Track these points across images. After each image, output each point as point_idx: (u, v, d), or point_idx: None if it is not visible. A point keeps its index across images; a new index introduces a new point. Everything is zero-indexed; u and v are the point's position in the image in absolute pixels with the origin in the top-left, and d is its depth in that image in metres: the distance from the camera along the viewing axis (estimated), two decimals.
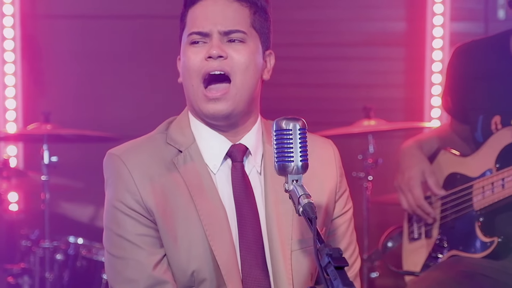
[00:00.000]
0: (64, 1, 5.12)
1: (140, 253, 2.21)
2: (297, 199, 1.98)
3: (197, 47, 2.25)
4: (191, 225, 2.22)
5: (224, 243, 2.22)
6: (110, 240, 2.26)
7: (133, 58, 5.11)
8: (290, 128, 2.01)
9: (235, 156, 2.28)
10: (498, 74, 3.25)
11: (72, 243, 4.34)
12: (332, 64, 5.19)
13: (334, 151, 2.42)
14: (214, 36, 2.23)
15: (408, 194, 3.32)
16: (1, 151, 4.98)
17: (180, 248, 2.21)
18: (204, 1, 2.28)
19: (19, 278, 4.36)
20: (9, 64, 5.00)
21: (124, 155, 2.26)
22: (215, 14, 2.25)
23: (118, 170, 2.24)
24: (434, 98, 5.12)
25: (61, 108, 4.90)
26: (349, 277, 1.75)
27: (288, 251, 2.25)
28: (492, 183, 3.14)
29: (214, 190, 2.25)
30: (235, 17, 2.26)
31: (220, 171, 2.28)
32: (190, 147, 2.28)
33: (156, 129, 2.36)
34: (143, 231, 2.22)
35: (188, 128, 2.31)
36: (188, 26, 2.28)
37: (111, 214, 2.25)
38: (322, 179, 2.34)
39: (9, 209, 4.88)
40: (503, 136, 3.16)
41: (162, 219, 2.21)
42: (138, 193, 2.22)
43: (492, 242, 3.13)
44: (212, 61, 2.22)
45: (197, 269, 2.21)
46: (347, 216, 2.41)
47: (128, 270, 2.22)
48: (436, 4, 5.09)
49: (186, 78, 2.27)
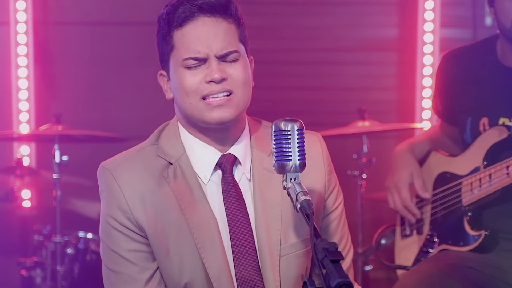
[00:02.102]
0: (74, 9, 5.13)
1: (133, 268, 2.19)
2: (295, 196, 1.98)
3: (193, 69, 2.18)
4: (182, 238, 2.19)
5: (215, 254, 2.18)
6: (105, 252, 2.25)
7: (139, 62, 5.11)
8: (289, 129, 2.01)
9: (225, 167, 2.23)
10: (485, 78, 3.25)
11: (82, 237, 4.35)
12: (328, 68, 5.20)
13: (322, 147, 2.34)
14: (212, 60, 2.16)
15: (395, 194, 3.32)
16: (14, 151, 4.98)
17: (172, 262, 2.19)
18: (193, 23, 2.17)
19: (32, 271, 4.36)
20: (22, 69, 5.01)
21: (115, 171, 2.21)
22: (208, 37, 2.16)
23: (110, 187, 2.21)
24: (425, 100, 5.13)
25: (72, 110, 4.90)
26: (344, 270, 1.75)
27: (276, 257, 2.21)
28: (480, 180, 3.14)
29: (204, 201, 2.21)
30: (226, 37, 2.17)
31: (210, 182, 2.23)
32: (180, 159, 2.23)
33: (148, 139, 2.30)
34: (135, 247, 2.20)
35: (178, 140, 2.26)
36: (180, 49, 2.19)
37: (105, 229, 2.23)
38: (310, 177, 2.24)
39: (23, 206, 4.89)
40: (490, 135, 3.16)
41: (154, 235, 2.18)
42: (129, 211, 2.18)
43: (479, 236, 3.13)
44: (215, 85, 2.16)
45: (190, 281, 2.18)
46: (337, 212, 2.36)
47: (122, 284, 2.21)
48: (427, 11, 5.10)
49: (183, 97, 2.19)
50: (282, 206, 2.23)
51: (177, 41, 2.20)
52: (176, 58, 2.21)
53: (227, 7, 2.19)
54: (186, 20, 2.18)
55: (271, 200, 2.21)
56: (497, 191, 3.10)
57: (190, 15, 2.17)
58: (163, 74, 2.30)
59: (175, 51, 2.21)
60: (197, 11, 2.17)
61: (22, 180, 4.51)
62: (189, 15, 2.17)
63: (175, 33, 2.20)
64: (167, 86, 2.28)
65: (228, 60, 2.18)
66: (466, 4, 5.18)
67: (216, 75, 2.15)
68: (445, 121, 3.45)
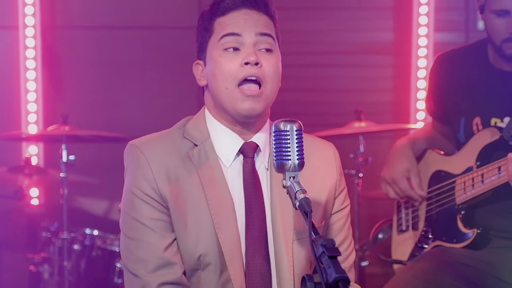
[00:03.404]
0: (80, 14, 5.13)
1: (153, 235, 2.22)
2: (294, 194, 1.99)
3: (230, 53, 2.24)
4: (201, 213, 2.23)
5: (230, 231, 2.22)
6: (126, 222, 2.27)
7: (143, 65, 5.11)
8: (288, 129, 2.03)
9: (247, 153, 2.29)
10: (477, 80, 3.25)
11: (88, 234, 4.35)
12: (326, 71, 5.19)
13: (335, 153, 2.43)
14: (247, 43, 2.24)
15: (394, 186, 3.33)
16: (23, 151, 4.98)
17: (189, 234, 2.22)
18: (236, 11, 2.26)
19: (40, 266, 4.37)
20: (30, 71, 5.01)
21: (143, 146, 2.26)
22: (247, 22, 2.25)
23: (138, 159, 2.25)
24: (419, 102, 5.12)
25: (78, 111, 4.90)
26: (341, 266, 1.75)
27: (290, 241, 2.25)
28: (473, 179, 3.14)
29: (224, 182, 2.26)
30: (265, 25, 2.27)
31: (232, 166, 2.29)
32: (205, 142, 2.29)
33: (175, 125, 2.36)
34: (157, 216, 2.23)
35: (204, 125, 2.32)
36: (218, 30, 2.26)
37: (129, 199, 2.26)
38: (323, 177, 2.35)
39: (31, 204, 4.89)
40: (483, 136, 3.17)
41: (175, 206, 2.22)
42: (154, 181, 2.22)
43: (472, 233, 3.13)
44: (250, 67, 2.22)
45: (204, 253, 2.22)
46: (344, 212, 2.41)
47: (141, 251, 2.22)
48: (421, 16, 5.10)
49: (220, 82, 2.25)
50: None
51: (217, 26, 2.26)
52: (214, 41, 2.26)
53: (268, 5, 2.30)
54: (229, 9, 2.26)
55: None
56: (489, 191, 3.10)
57: (234, 6, 2.26)
58: (198, 63, 2.33)
59: (214, 35, 2.27)
60: (242, 4, 2.26)
61: (31, 178, 4.51)
62: (233, 6, 2.26)
63: (216, 21, 2.27)
64: (201, 74, 2.32)
65: (264, 48, 2.25)
66: (459, 9, 5.18)
67: (252, 57, 2.21)
68: (438, 121, 3.45)
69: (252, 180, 2.27)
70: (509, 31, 3.09)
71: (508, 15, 3.08)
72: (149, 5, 5.08)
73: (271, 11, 2.31)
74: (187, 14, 5.04)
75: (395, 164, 3.34)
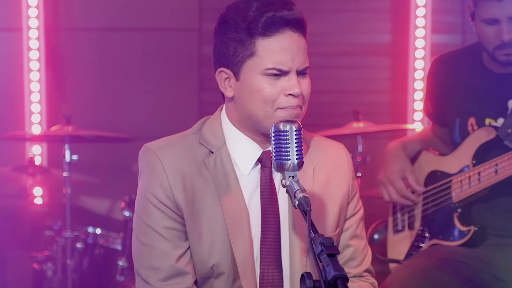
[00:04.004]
0: (83, 16, 5.13)
1: (166, 244, 2.19)
2: (293, 193, 1.98)
3: (274, 80, 2.16)
4: (215, 222, 2.19)
5: (243, 241, 2.20)
6: (140, 227, 2.23)
7: (144, 66, 5.11)
8: (287, 130, 2.02)
9: (265, 162, 2.25)
10: (472, 81, 3.26)
11: (91, 233, 4.34)
12: (325, 72, 5.19)
13: (347, 156, 2.39)
14: (292, 74, 2.17)
15: (389, 187, 3.33)
16: (27, 150, 4.98)
17: (203, 243, 2.19)
18: (280, 35, 2.15)
19: (43, 264, 4.36)
20: (34, 72, 5.01)
21: (160, 151, 2.22)
22: (292, 51, 2.16)
23: (153, 164, 2.21)
24: (416, 102, 5.12)
25: (81, 112, 4.90)
26: (339, 263, 1.76)
27: (305, 255, 2.23)
28: (469, 178, 3.14)
29: (239, 191, 2.23)
30: (304, 52, 2.19)
31: (250, 175, 2.25)
32: (221, 149, 2.24)
33: (191, 128, 2.31)
34: (171, 224, 2.20)
35: (220, 131, 2.27)
36: (264, 58, 2.15)
37: (143, 204, 2.22)
38: (338, 183, 2.32)
39: (34, 203, 4.89)
40: (479, 136, 3.17)
41: (190, 215, 2.19)
42: (170, 189, 2.19)
43: (469, 231, 3.14)
44: (292, 99, 2.16)
45: (217, 263, 2.19)
46: (358, 216, 2.39)
47: (153, 258, 2.20)
48: (418, 18, 5.10)
49: (258, 105, 2.18)
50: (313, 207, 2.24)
51: (261, 50, 2.15)
52: (257, 65, 2.16)
53: (305, 24, 2.21)
54: (273, 30, 2.15)
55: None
56: (486, 189, 3.10)
57: (278, 27, 2.15)
58: (224, 71, 2.22)
59: (257, 58, 2.16)
60: (285, 25, 2.15)
61: (34, 178, 4.51)
62: (277, 26, 2.15)
63: (259, 41, 2.15)
64: (226, 84, 2.23)
65: (303, 73, 2.20)
66: (455, 11, 5.18)
67: (297, 89, 2.16)
68: (436, 123, 3.45)
69: (269, 190, 2.24)
70: (500, 39, 3.08)
71: (497, 23, 3.08)
72: (150, 7, 5.08)
73: (306, 30, 2.22)
74: (187, 16, 5.05)
75: (390, 165, 3.34)
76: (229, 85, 2.23)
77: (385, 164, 3.37)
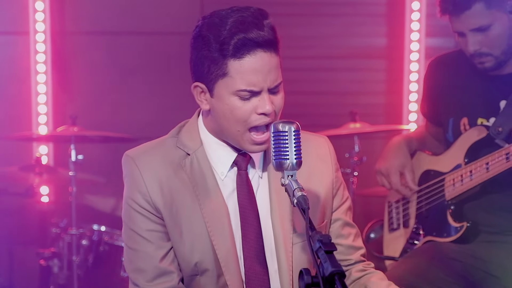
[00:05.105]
0: (88, 20, 5.13)
1: (149, 246, 2.22)
2: (292, 192, 1.99)
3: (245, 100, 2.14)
4: (195, 221, 2.21)
5: (224, 238, 2.21)
6: (126, 232, 2.27)
7: (148, 68, 5.11)
8: (286, 130, 2.03)
9: (240, 165, 2.26)
10: (465, 82, 3.26)
11: (96, 230, 4.34)
12: (323, 74, 5.20)
13: (330, 148, 2.38)
14: (264, 93, 2.14)
15: (384, 180, 3.34)
16: (34, 150, 4.98)
17: (184, 242, 2.21)
18: (251, 57, 2.10)
19: (49, 260, 4.37)
20: (41, 75, 5.01)
21: (137, 158, 2.24)
22: (264, 71, 2.12)
23: (132, 171, 2.24)
24: (411, 104, 5.13)
25: (86, 113, 4.90)
26: (336, 260, 1.76)
27: (289, 245, 2.24)
28: (462, 175, 3.15)
29: (217, 190, 2.24)
30: (277, 70, 2.15)
31: (227, 177, 2.26)
32: (197, 151, 2.25)
33: (169, 132, 2.32)
34: (153, 227, 2.22)
35: (197, 134, 2.28)
36: (236, 79, 2.12)
37: (126, 210, 2.26)
38: (320, 175, 2.31)
39: (41, 201, 4.88)
40: (470, 135, 3.18)
41: (169, 216, 2.21)
42: (148, 194, 2.21)
43: (461, 227, 3.14)
44: (264, 117, 2.15)
45: (200, 260, 2.21)
46: (345, 206, 2.38)
47: (139, 261, 2.23)
48: (413, 22, 5.10)
49: (231, 123, 2.17)
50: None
51: (233, 71, 2.12)
52: (229, 85, 2.14)
53: (278, 42, 2.16)
54: (244, 52, 2.10)
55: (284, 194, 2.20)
56: (478, 186, 3.11)
57: (249, 48, 2.10)
58: (199, 86, 2.21)
59: (229, 79, 2.13)
60: (256, 46, 2.10)
61: (41, 177, 4.52)
62: (248, 48, 2.10)
63: (231, 62, 2.11)
64: (202, 97, 2.22)
65: (275, 91, 2.17)
66: None
67: (268, 107, 2.14)
68: (431, 122, 3.46)
69: (247, 191, 2.25)
70: (468, 52, 3.11)
71: (464, 36, 3.11)
72: (153, 11, 5.08)
73: (279, 46, 2.17)
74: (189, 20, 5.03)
75: (391, 158, 3.34)
76: (205, 99, 2.22)
77: (387, 155, 3.36)
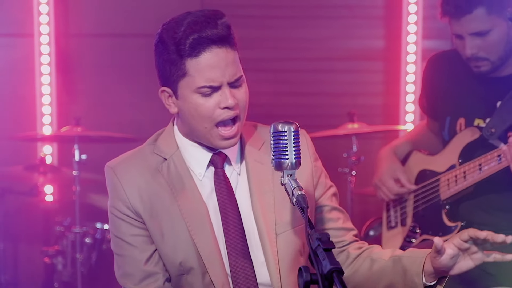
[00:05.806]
0: (92, 22, 5.13)
1: (134, 250, 2.25)
2: (291, 191, 2.00)
3: (207, 96, 2.17)
4: (175, 222, 2.23)
5: (206, 236, 2.22)
6: (112, 240, 2.31)
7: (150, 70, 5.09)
8: (285, 130, 2.03)
9: (216, 164, 2.27)
10: (463, 83, 3.26)
11: (99, 228, 4.36)
12: (321, 75, 5.20)
13: (307, 139, 2.36)
14: (225, 87, 2.17)
15: (382, 188, 3.34)
16: (38, 150, 4.98)
17: (166, 243, 2.23)
18: (207, 54, 2.14)
19: (54, 258, 4.37)
20: (45, 76, 5.01)
21: (116, 168, 2.28)
22: (221, 66, 2.15)
23: (112, 181, 2.27)
24: (408, 105, 5.13)
25: (90, 113, 4.90)
26: (335, 258, 1.76)
27: (273, 236, 2.24)
28: (456, 176, 3.16)
29: (195, 191, 2.25)
30: (234, 64, 2.17)
31: (205, 177, 2.28)
32: (173, 155, 2.28)
33: (147, 141, 2.35)
34: (136, 231, 2.25)
35: (172, 139, 2.30)
36: (195, 77, 2.15)
37: (111, 219, 2.29)
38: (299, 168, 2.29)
39: (45, 200, 4.89)
40: (464, 136, 3.18)
41: (150, 220, 2.24)
42: (128, 200, 2.24)
43: (456, 226, 3.14)
44: (228, 111, 2.17)
45: (183, 260, 2.23)
46: (330, 193, 2.38)
47: (126, 266, 2.26)
48: (410, 24, 5.10)
49: (197, 121, 2.20)
50: (274, 192, 2.26)
51: (192, 69, 2.16)
52: (190, 84, 2.17)
53: (231, 37, 2.18)
54: (199, 50, 2.14)
55: (264, 188, 2.24)
56: (471, 186, 3.11)
57: (204, 46, 2.14)
58: (166, 91, 2.25)
59: (189, 78, 2.17)
60: (210, 43, 2.13)
61: (45, 176, 4.52)
62: (203, 46, 2.14)
63: (189, 62, 2.15)
64: (170, 101, 2.27)
65: (236, 85, 2.19)
66: None
67: (230, 101, 2.16)
68: (430, 117, 3.45)
69: (225, 188, 2.26)
70: (465, 55, 3.12)
71: (462, 39, 3.11)
72: (155, 14, 5.08)
73: (234, 40, 2.18)
74: None
75: (381, 168, 3.39)
76: (172, 102, 2.26)
77: (378, 167, 3.40)
